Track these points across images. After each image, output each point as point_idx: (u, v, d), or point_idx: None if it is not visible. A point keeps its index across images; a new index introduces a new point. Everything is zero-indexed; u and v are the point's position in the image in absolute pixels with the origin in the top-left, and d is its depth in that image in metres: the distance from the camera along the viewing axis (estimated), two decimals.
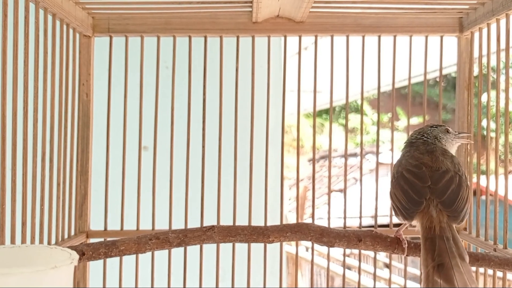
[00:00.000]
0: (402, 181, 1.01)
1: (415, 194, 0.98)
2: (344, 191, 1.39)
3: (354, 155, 8.02)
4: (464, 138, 1.16)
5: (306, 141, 7.93)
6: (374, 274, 1.40)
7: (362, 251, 1.15)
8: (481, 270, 1.23)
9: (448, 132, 1.14)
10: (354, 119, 10.16)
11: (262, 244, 1.12)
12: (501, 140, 1.18)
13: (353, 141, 10.28)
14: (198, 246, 1.21)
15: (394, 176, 1.05)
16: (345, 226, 1.31)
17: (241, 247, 1.23)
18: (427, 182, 0.99)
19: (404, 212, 0.98)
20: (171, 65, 1.31)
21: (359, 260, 1.40)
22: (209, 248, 1.23)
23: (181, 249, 1.19)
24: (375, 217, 1.35)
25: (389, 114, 9.55)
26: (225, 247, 1.25)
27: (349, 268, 5.30)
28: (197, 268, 1.30)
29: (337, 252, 5.35)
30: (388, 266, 6.17)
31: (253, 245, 1.27)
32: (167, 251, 1.24)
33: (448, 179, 0.99)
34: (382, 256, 5.46)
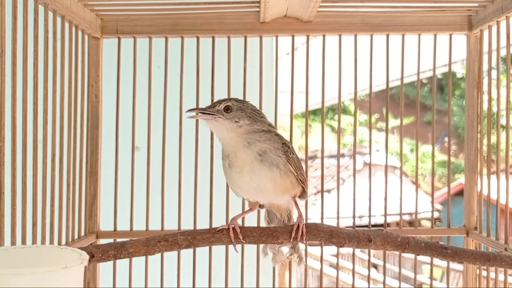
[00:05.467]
0: None
1: None
2: (353, 191, 1.37)
3: (342, 155, 8.05)
4: None
5: (295, 142, 7.89)
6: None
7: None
8: (492, 269, 1.22)
9: None
10: (341, 120, 10.16)
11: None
12: None
13: (341, 141, 10.28)
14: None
15: None
16: (354, 226, 1.31)
17: (249, 247, 1.23)
18: None
19: None
20: (179, 66, 1.31)
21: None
22: (218, 249, 1.23)
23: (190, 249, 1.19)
24: (385, 216, 1.35)
25: (375, 115, 9.71)
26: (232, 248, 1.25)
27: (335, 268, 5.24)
28: (206, 268, 1.30)
29: (324, 252, 5.30)
30: (375, 266, 6.14)
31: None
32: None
33: None
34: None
